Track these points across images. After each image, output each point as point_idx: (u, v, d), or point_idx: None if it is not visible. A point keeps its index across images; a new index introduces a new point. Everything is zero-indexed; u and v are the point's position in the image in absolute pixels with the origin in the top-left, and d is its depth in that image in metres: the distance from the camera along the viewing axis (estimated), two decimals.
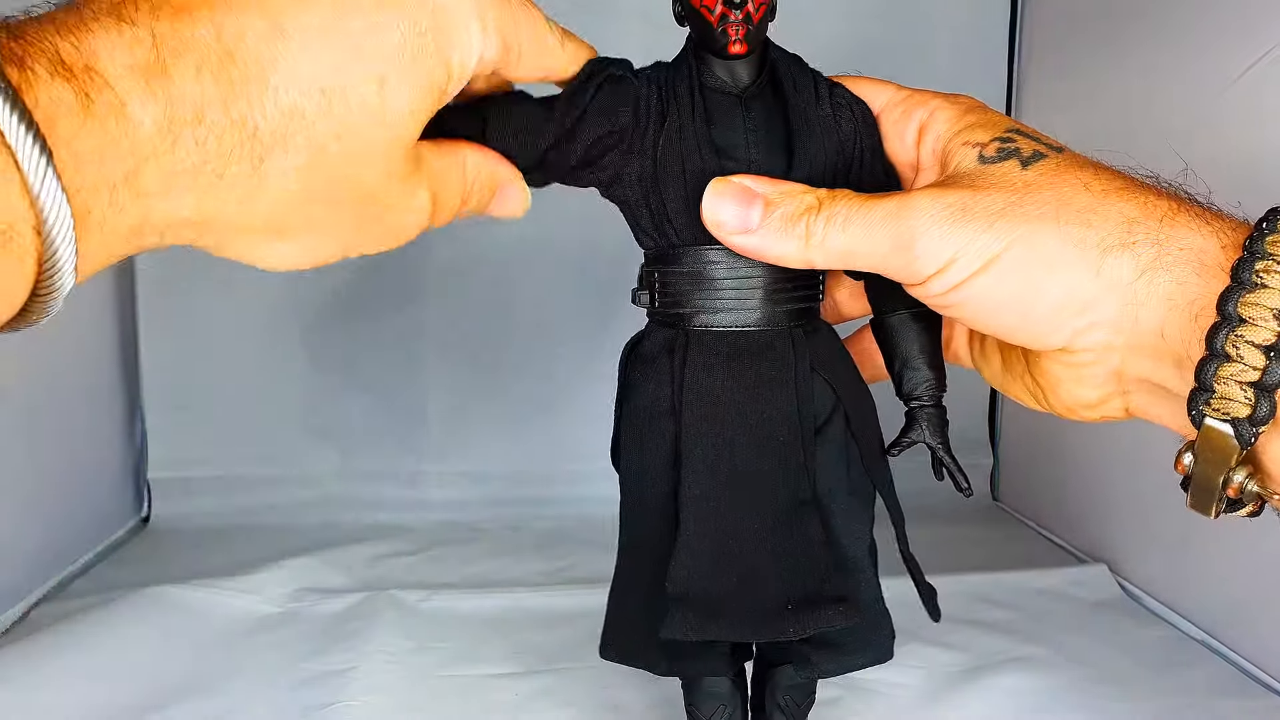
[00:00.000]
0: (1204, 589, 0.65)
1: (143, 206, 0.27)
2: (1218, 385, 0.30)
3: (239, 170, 0.28)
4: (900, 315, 0.41)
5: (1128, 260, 0.33)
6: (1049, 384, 0.37)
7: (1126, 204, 0.33)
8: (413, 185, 0.33)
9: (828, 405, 0.40)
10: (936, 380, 0.41)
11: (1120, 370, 0.35)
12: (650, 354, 0.41)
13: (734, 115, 0.39)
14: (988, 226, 0.33)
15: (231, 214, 0.29)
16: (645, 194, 0.39)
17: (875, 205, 0.35)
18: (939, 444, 0.40)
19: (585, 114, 0.38)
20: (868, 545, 0.42)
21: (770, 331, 0.39)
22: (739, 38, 0.37)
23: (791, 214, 0.36)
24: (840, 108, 0.40)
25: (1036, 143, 0.36)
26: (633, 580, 0.42)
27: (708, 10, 0.37)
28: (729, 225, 0.36)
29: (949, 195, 0.34)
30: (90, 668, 0.58)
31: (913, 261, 0.34)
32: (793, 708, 0.44)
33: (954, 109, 0.39)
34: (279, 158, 0.28)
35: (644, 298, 0.41)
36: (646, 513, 0.41)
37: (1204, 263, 0.32)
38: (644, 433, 0.40)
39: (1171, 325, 0.32)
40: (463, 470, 0.94)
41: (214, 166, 0.27)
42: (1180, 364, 0.32)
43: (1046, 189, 0.34)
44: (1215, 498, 0.32)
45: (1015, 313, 0.34)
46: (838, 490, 0.40)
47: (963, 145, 0.37)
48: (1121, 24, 0.74)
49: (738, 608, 0.38)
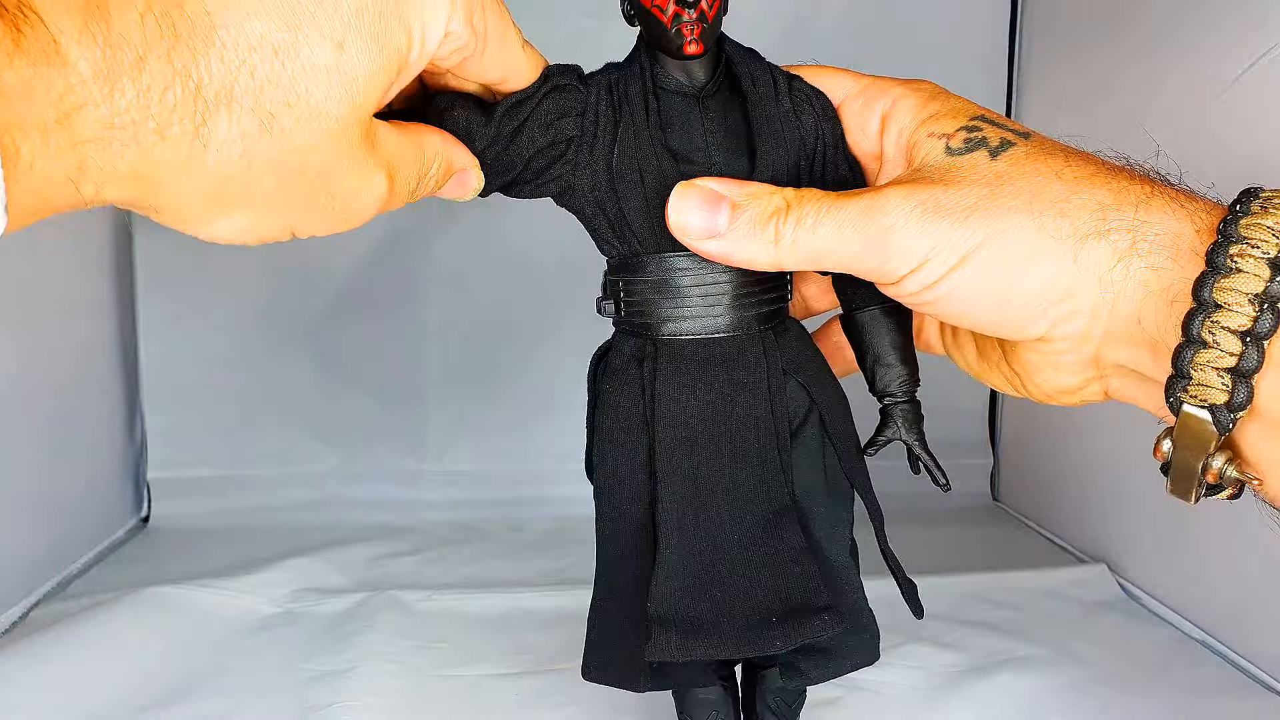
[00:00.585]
0: (1204, 589, 0.65)
1: (78, 154, 0.25)
2: (1194, 372, 0.30)
3: (180, 130, 0.26)
4: (871, 311, 0.40)
5: (1104, 248, 0.32)
6: (1026, 372, 0.37)
7: (1100, 190, 0.33)
8: (368, 164, 0.31)
9: (802, 408, 0.40)
10: (910, 375, 0.40)
11: (1097, 356, 0.34)
12: (619, 365, 0.40)
13: (691, 117, 0.38)
14: (961, 222, 0.33)
15: (170, 177, 0.27)
16: (600, 203, 0.38)
17: (846, 205, 0.34)
18: (915, 440, 0.40)
19: (524, 124, 0.37)
20: (849, 547, 0.41)
21: (740, 336, 0.38)
22: (694, 37, 0.36)
23: (759, 216, 0.35)
24: (800, 102, 0.38)
25: (1003, 130, 0.36)
26: (612, 598, 0.41)
27: (659, 9, 0.36)
28: (695, 230, 0.35)
29: (920, 192, 0.34)
30: (90, 668, 0.58)
31: (886, 261, 0.34)
32: (783, 709, 0.44)
33: (916, 97, 0.38)
34: (223, 121, 0.27)
35: (609, 307, 0.40)
36: (623, 529, 0.40)
37: (1179, 247, 0.32)
38: (618, 448, 0.39)
39: (1148, 312, 0.32)
40: (463, 470, 0.94)
41: (156, 123, 0.26)
42: (1156, 349, 0.32)
43: (1019, 179, 0.34)
44: (1195, 483, 0.32)
45: (992, 306, 0.34)
46: (816, 493, 0.40)
47: (928, 137, 0.36)
48: (1121, 24, 0.74)
49: (722, 624, 0.37)
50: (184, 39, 0.26)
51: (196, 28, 0.26)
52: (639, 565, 0.39)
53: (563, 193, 0.39)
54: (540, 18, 0.89)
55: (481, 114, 0.37)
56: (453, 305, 0.93)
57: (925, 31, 0.93)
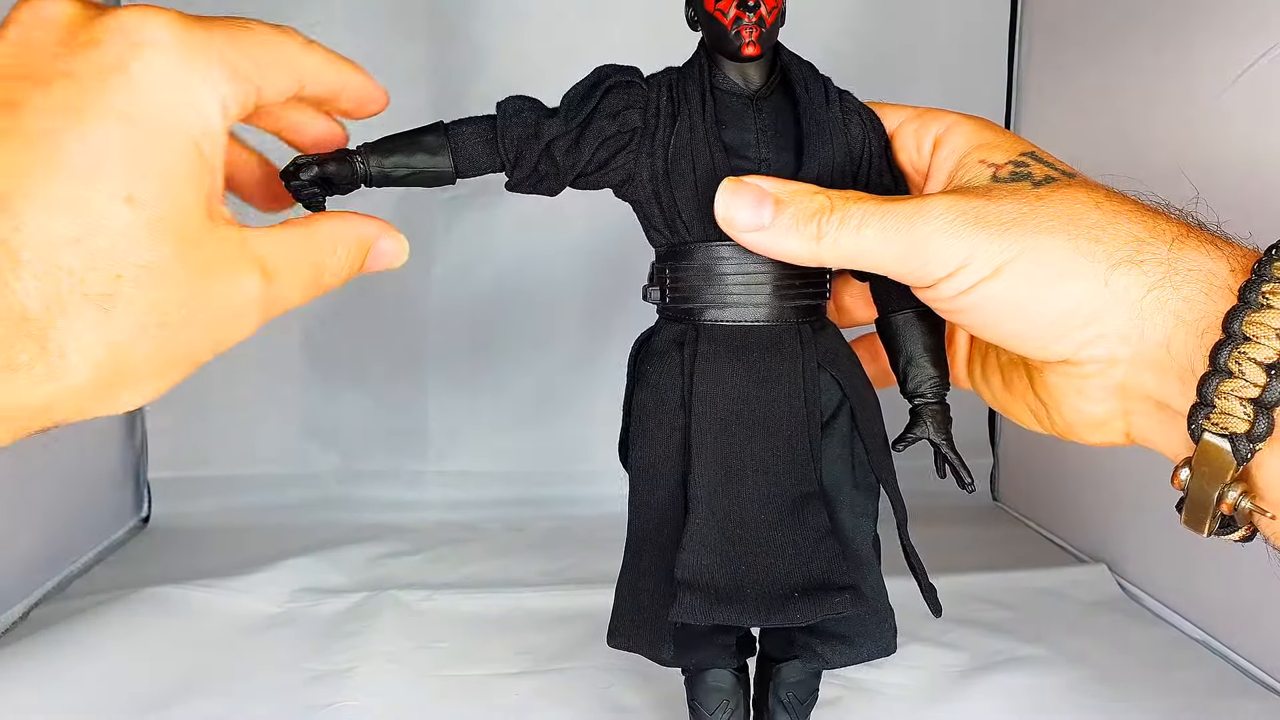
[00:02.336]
0: (1204, 589, 0.65)
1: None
2: (1218, 400, 0.31)
3: (29, 356, 0.26)
4: (905, 314, 0.41)
5: (1136, 276, 0.33)
6: (1052, 400, 0.38)
7: (1135, 225, 0.34)
8: (224, 271, 0.30)
9: (834, 401, 0.41)
10: (940, 378, 0.41)
11: (1124, 384, 0.35)
12: (661, 348, 0.41)
13: (745, 116, 0.40)
14: (1000, 233, 0.34)
15: (49, 398, 0.27)
16: (656, 192, 0.40)
17: (889, 208, 0.35)
18: (943, 440, 0.41)
19: (592, 117, 0.39)
20: (872, 540, 0.42)
21: (778, 327, 0.40)
22: (753, 39, 0.38)
23: (803, 213, 0.36)
24: (849, 112, 0.41)
25: (1050, 168, 0.37)
26: (641, 570, 0.42)
27: (721, 13, 0.38)
28: (741, 223, 0.37)
29: (963, 202, 0.35)
30: (90, 668, 0.58)
31: (924, 264, 0.35)
32: (796, 705, 0.45)
33: (972, 124, 0.39)
34: (63, 327, 0.26)
35: (655, 294, 0.42)
36: (656, 503, 0.41)
37: (1213, 284, 0.32)
38: (654, 424, 0.41)
39: (1177, 340, 0.33)
40: (463, 470, 0.94)
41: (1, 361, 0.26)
42: (1184, 379, 0.33)
43: (1058, 204, 0.35)
44: (1209, 514, 0.32)
45: (1022, 320, 0.35)
46: (843, 484, 0.41)
47: (978, 163, 0.38)
48: (1121, 24, 0.74)
49: (746, 593, 0.38)
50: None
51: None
52: (669, 538, 0.40)
53: (624, 182, 0.40)
54: (540, 22, 0.90)
55: (547, 111, 0.39)
56: (453, 305, 0.93)
57: (925, 33, 0.93)
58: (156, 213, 0.28)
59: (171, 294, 0.28)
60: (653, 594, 0.41)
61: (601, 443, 0.98)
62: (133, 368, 0.29)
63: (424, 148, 0.39)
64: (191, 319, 0.29)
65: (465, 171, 0.39)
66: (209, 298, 0.30)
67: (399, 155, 0.39)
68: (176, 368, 0.30)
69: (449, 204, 0.91)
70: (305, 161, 0.37)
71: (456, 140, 0.39)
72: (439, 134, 0.39)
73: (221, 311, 0.30)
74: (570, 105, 0.39)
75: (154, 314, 0.28)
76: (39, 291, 0.26)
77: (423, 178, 0.39)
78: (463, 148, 0.39)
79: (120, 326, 0.28)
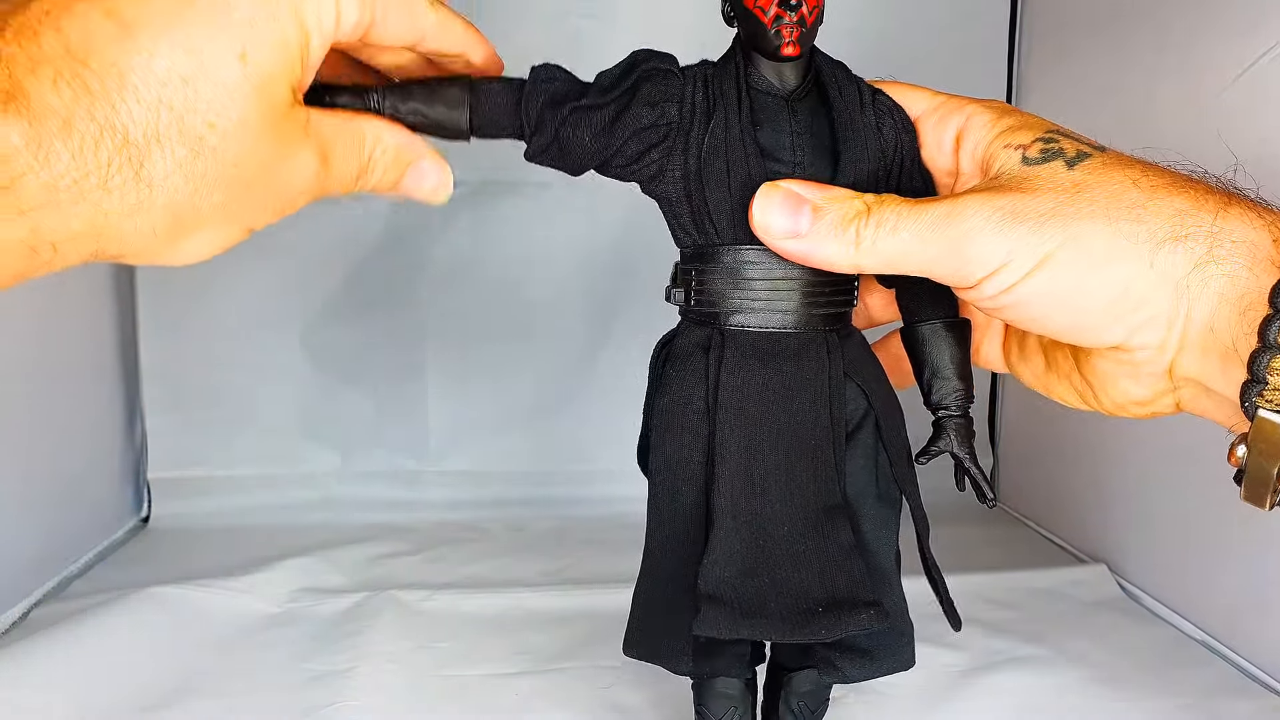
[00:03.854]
0: (1204, 589, 0.65)
1: (30, 221, 0.27)
2: (1271, 376, 0.30)
3: (123, 179, 0.28)
4: (932, 325, 0.41)
5: (1181, 253, 0.32)
6: (1100, 383, 0.37)
7: (1177, 198, 0.33)
8: (294, 147, 0.32)
9: (859, 410, 0.40)
10: (965, 391, 0.41)
11: (1172, 367, 0.34)
12: (684, 351, 0.40)
13: (780, 118, 0.39)
14: (1039, 227, 0.33)
15: (125, 224, 0.29)
16: (687, 191, 0.39)
17: (926, 209, 0.35)
18: (966, 454, 0.41)
19: (630, 101, 0.38)
20: (894, 553, 0.41)
21: (805, 334, 0.39)
22: (793, 39, 0.37)
23: (841, 219, 0.36)
24: (883, 115, 0.40)
25: (1079, 142, 0.36)
26: (661, 579, 0.41)
27: (761, 11, 0.37)
28: (778, 230, 0.36)
29: (999, 198, 0.34)
30: (90, 668, 0.58)
31: (965, 264, 0.34)
32: (806, 713, 0.44)
33: (990, 113, 0.39)
34: (158, 159, 0.28)
35: (679, 295, 0.41)
36: (677, 513, 0.40)
37: (1256, 257, 0.32)
38: (677, 431, 0.40)
39: (1220, 319, 0.32)
40: (463, 470, 0.94)
41: (96, 178, 0.28)
42: (1226, 357, 0.32)
43: (1096, 187, 0.34)
44: (1270, 489, 0.32)
45: (1070, 311, 0.34)
46: (866, 495, 0.40)
47: (1004, 148, 0.37)
48: (1121, 24, 0.74)
49: (769, 608, 0.38)
50: (98, 95, 0.27)
51: (107, 80, 0.27)
52: (690, 547, 0.39)
53: (653, 178, 0.39)
54: (540, 19, 0.90)
55: (579, 83, 0.39)
56: (453, 305, 0.93)
57: (925, 32, 0.93)
58: (261, 76, 0.30)
59: (253, 153, 0.31)
60: (672, 604, 0.40)
61: (601, 443, 0.97)
62: (203, 216, 0.31)
63: (445, 99, 0.38)
64: (263, 182, 0.32)
65: (482, 129, 0.38)
66: (280, 166, 0.32)
67: (417, 101, 0.38)
68: (237, 226, 0.32)
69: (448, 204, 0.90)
70: (318, 86, 0.37)
71: (480, 97, 0.38)
72: (463, 88, 0.38)
73: (286, 183, 0.33)
74: (604, 83, 0.38)
75: (234, 168, 0.30)
76: (142, 117, 0.28)
77: (435, 129, 0.38)
78: (484, 106, 0.38)
79: (203, 171, 0.30)
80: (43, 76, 0.27)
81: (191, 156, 0.29)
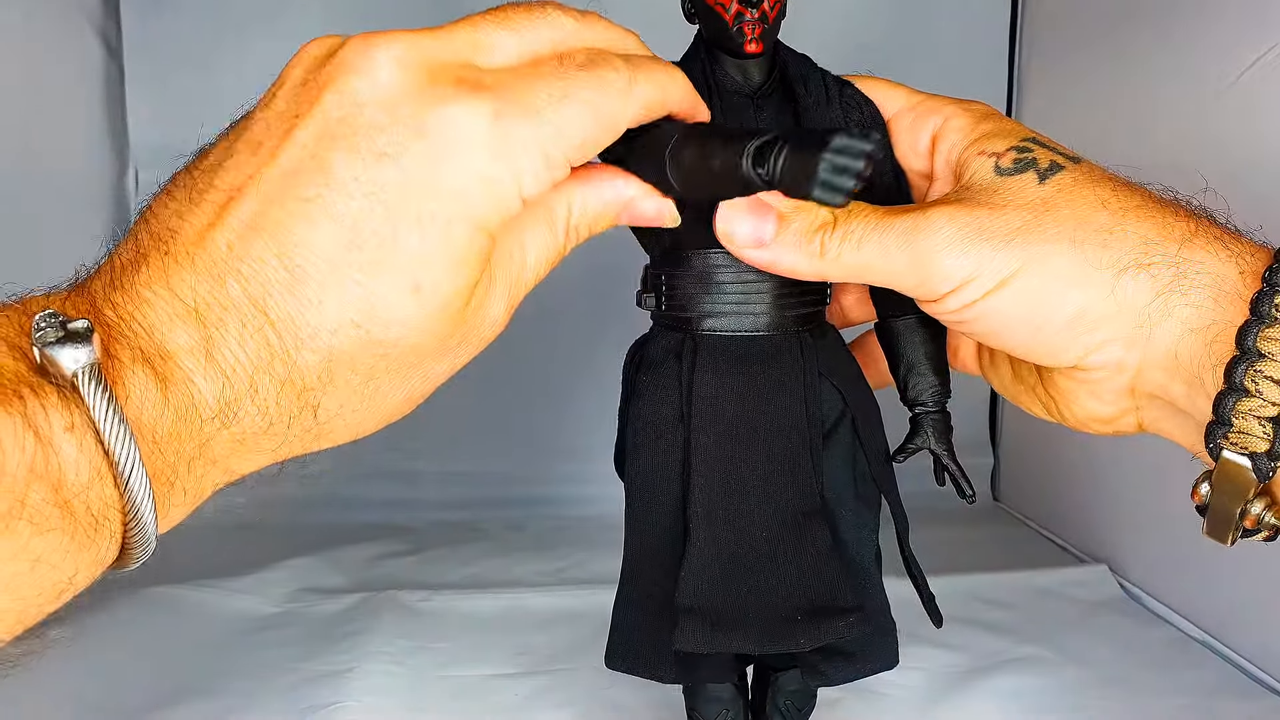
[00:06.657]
0: (1204, 589, 0.65)
1: (221, 468, 0.29)
2: (1236, 420, 0.30)
3: (301, 421, 0.29)
4: (907, 320, 0.40)
5: (1144, 281, 0.32)
6: (1062, 398, 0.37)
7: (1144, 224, 0.33)
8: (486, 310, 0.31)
9: (835, 410, 0.40)
10: (941, 386, 0.40)
11: (1133, 386, 0.34)
12: (656, 358, 0.40)
13: (745, 117, 0.38)
14: (1004, 245, 0.33)
15: (309, 444, 0.30)
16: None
17: (891, 223, 0.34)
18: (944, 450, 0.40)
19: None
20: (874, 552, 0.41)
21: (778, 337, 0.39)
22: (755, 36, 0.37)
23: (806, 229, 0.35)
24: (850, 109, 0.39)
25: (1054, 153, 0.36)
26: (639, 589, 0.41)
27: (722, 8, 0.37)
28: (742, 239, 0.36)
29: (965, 214, 0.34)
30: (90, 668, 0.58)
31: (928, 280, 0.34)
32: (793, 712, 0.44)
33: (968, 117, 0.38)
34: (332, 397, 0.29)
35: (649, 300, 0.40)
36: (654, 521, 0.40)
37: (1222, 289, 0.32)
38: (652, 440, 0.40)
39: (1185, 348, 0.32)
40: (463, 470, 0.94)
41: (276, 427, 0.28)
42: (1191, 384, 0.32)
43: (1064, 207, 0.34)
44: (1232, 527, 0.32)
45: (1028, 330, 0.34)
46: (844, 496, 0.40)
47: (978, 155, 0.36)
48: (1121, 24, 0.74)
49: (749, 618, 0.38)
50: (278, 351, 0.27)
51: (285, 334, 0.27)
52: (668, 556, 0.39)
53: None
54: None
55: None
56: None
57: (925, 31, 0.93)
58: (439, 299, 0.28)
59: (427, 357, 0.30)
60: (652, 615, 0.40)
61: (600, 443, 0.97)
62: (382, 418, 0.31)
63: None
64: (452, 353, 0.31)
65: None
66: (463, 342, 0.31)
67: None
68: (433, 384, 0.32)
69: None
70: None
71: None
72: None
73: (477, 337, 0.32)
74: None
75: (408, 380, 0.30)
76: (316, 366, 0.28)
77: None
78: None
79: (376, 388, 0.30)
80: (230, 332, 0.27)
81: (365, 381, 0.29)
